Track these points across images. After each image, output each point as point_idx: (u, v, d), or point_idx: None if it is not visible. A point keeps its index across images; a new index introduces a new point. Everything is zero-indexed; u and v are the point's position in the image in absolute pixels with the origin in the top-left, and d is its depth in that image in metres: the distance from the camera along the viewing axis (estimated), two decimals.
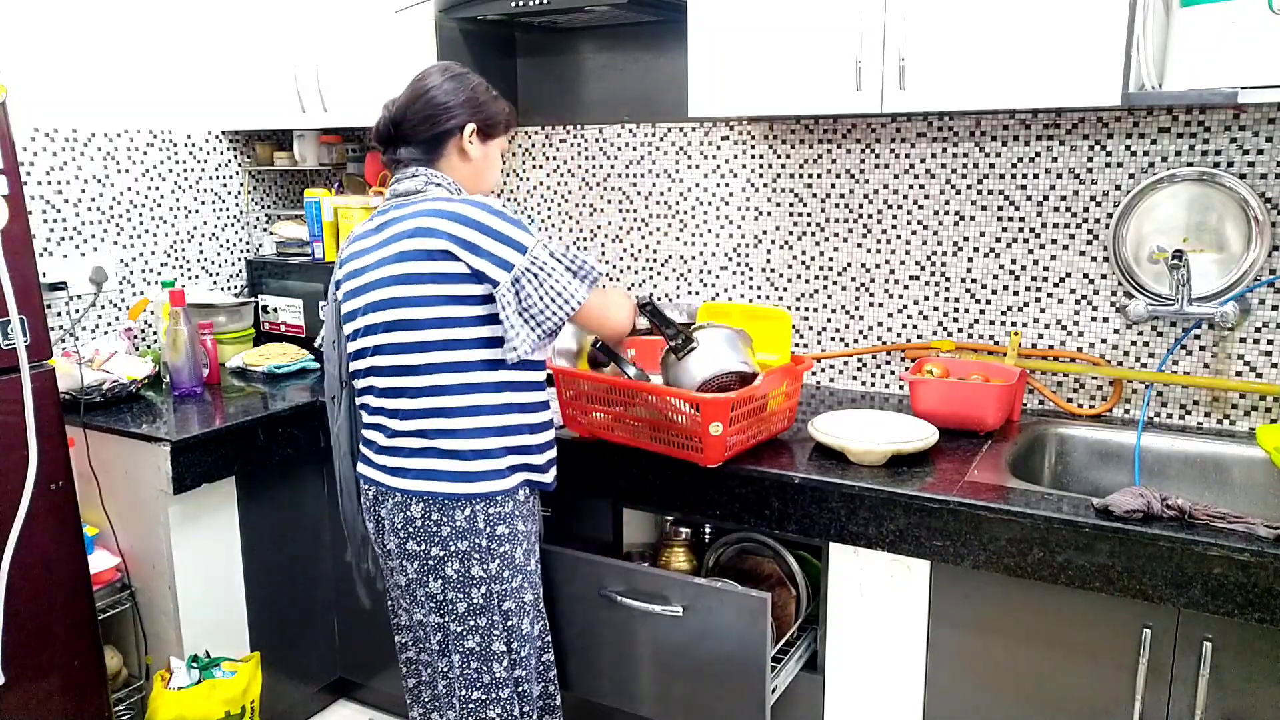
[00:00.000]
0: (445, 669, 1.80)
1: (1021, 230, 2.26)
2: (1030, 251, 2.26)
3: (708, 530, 2.23)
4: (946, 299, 2.37)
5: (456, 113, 1.75)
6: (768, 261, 2.58)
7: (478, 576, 1.73)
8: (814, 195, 2.49)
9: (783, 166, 2.51)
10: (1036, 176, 2.22)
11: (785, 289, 2.57)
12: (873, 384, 2.50)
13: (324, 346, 1.91)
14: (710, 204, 2.63)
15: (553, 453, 1.84)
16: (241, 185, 3.09)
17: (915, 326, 2.42)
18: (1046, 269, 2.25)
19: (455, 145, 1.77)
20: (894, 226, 2.40)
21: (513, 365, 1.71)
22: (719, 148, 2.59)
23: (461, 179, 1.78)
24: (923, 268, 2.38)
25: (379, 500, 1.77)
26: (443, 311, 1.66)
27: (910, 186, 2.36)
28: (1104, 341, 2.21)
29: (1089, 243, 2.19)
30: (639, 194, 2.74)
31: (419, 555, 1.73)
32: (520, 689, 1.80)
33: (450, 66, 1.82)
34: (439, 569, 1.73)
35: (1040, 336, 2.28)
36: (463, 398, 1.69)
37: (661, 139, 2.67)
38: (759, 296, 2.61)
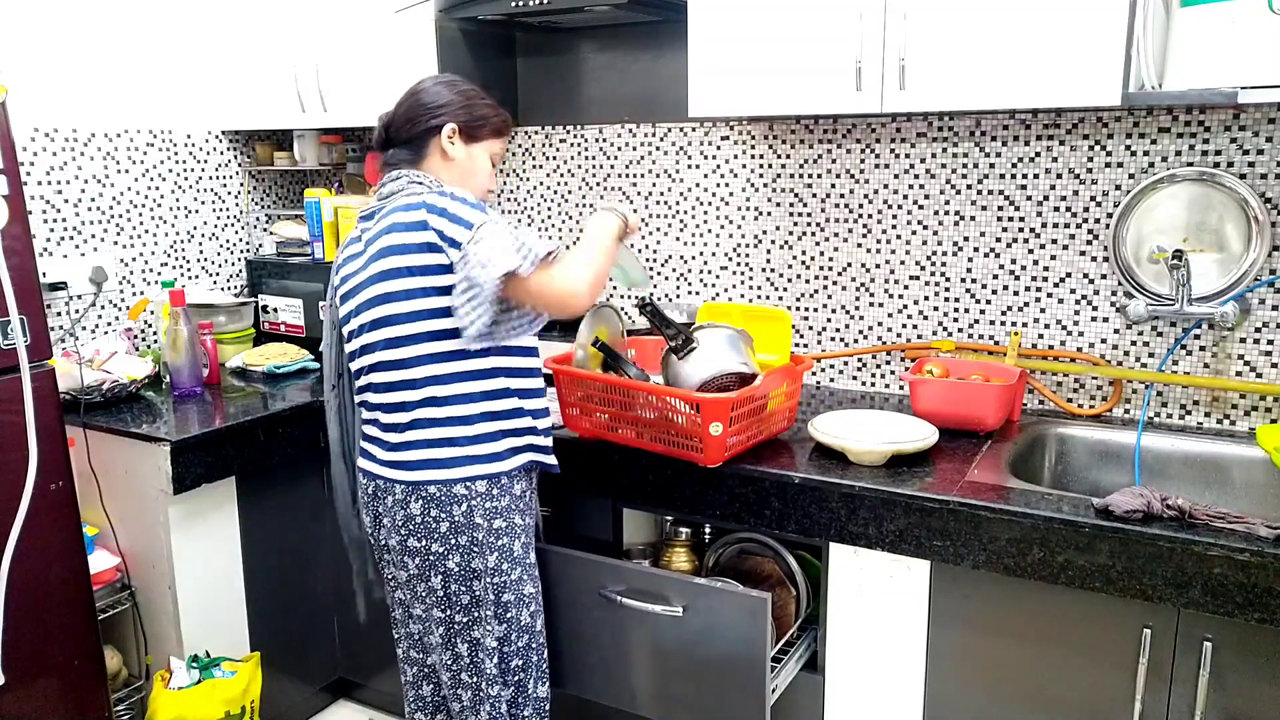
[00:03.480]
0: (449, 661, 1.81)
1: (1021, 230, 2.26)
2: (1030, 251, 2.26)
3: (708, 530, 2.23)
4: (946, 299, 2.37)
5: (439, 112, 1.78)
6: (768, 261, 2.58)
7: (479, 569, 1.74)
8: (814, 195, 2.49)
9: (783, 166, 2.51)
10: (1036, 176, 2.22)
11: (785, 289, 2.57)
12: (873, 384, 2.50)
13: (323, 351, 1.93)
14: (710, 204, 2.63)
15: (550, 435, 1.86)
16: (241, 185, 3.09)
17: (915, 326, 2.42)
18: (1046, 269, 2.25)
19: (437, 145, 1.79)
20: (894, 226, 2.40)
21: (504, 350, 1.73)
22: (719, 148, 2.59)
23: (444, 180, 1.79)
24: (923, 268, 2.38)
25: (378, 495, 1.78)
26: (428, 303, 1.68)
27: (910, 186, 2.36)
28: (1104, 341, 2.21)
29: (1089, 243, 2.19)
30: (639, 194, 2.74)
31: (419, 551, 1.74)
32: (517, 678, 1.82)
33: (445, 76, 1.87)
34: (440, 564, 1.74)
35: (1040, 336, 2.28)
36: (455, 386, 1.71)
37: (661, 139, 2.67)
38: (759, 296, 2.61)
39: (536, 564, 1.86)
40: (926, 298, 2.39)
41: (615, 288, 2.82)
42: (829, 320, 2.53)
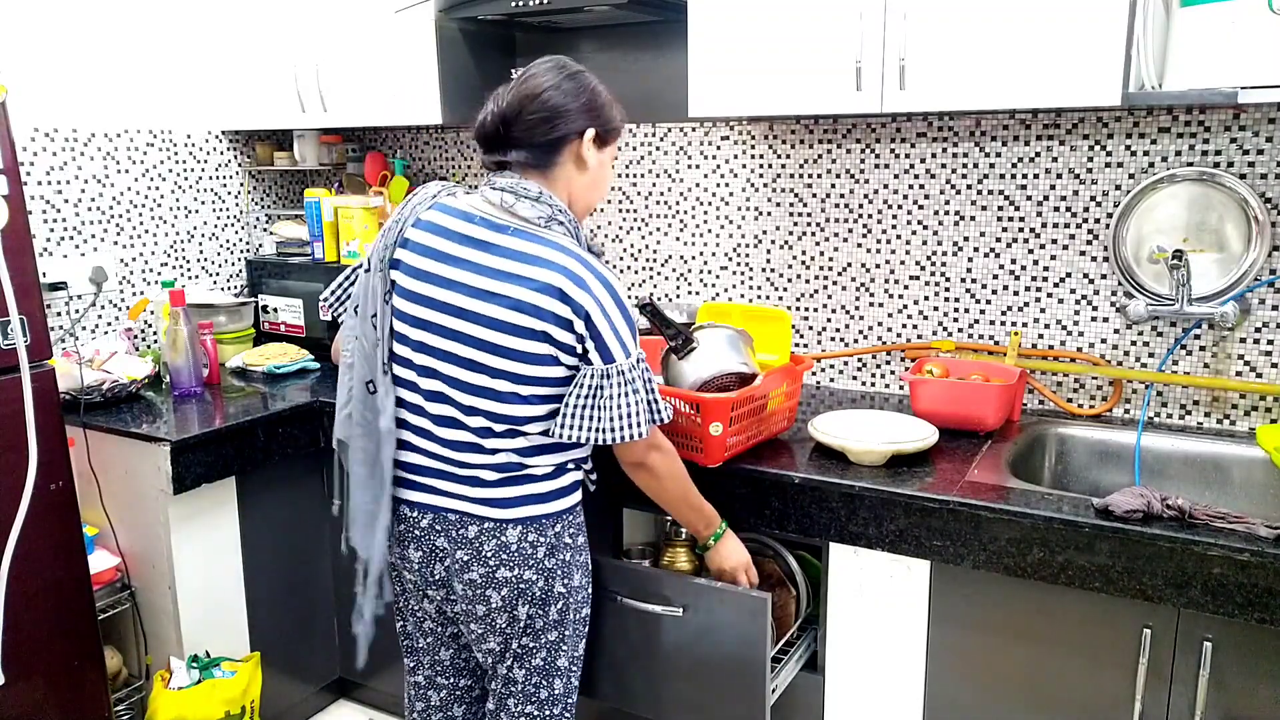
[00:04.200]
0: (501, 687, 1.73)
1: (1021, 230, 2.26)
2: (1030, 251, 2.26)
3: None
4: (946, 299, 2.37)
5: (576, 116, 1.58)
6: (768, 261, 2.58)
7: (558, 592, 1.67)
8: (814, 195, 2.49)
9: (783, 166, 2.51)
10: (1036, 176, 2.22)
11: (785, 289, 2.57)
12: (873, 384, 2.50)
13: (355, 319, 1.68)
14: (710, 204, 2.63)
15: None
16: (241, 185, 3.09)
17: (915, 326, 2.42)
18: (1046, 269, 2.25)
19: (573, 152, 1.60)
20: (894, 226, 2.40)
21: None
22: (719, 148, 2.59)
23: (576, 191, 1.65)
24: (923, 268, 2.38)
25: (439, 528, 1.65)
26: (545, 372, 1.57)
27: (910, 186, 2.36)
28: (1104, 341, 2.21)
29: (1089, 243, 2.19)
30: (639, 194, 2.74)
31: (509, 581, 1.63)
32: (570, 699, 1.78)
33: (565, 64, 1.62)
34: (528, 591, 1.64)
35: (1040, 336, 2.28)
36: (538, 439, 1.63)
37: (661, 139, 2.67)
38: (759, 296, 2.61)
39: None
40: (926, 298, 2.39)
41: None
42: (829, 320, 2.53)
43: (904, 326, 2.43)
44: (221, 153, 3.01)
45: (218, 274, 3.04)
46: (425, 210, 1.65)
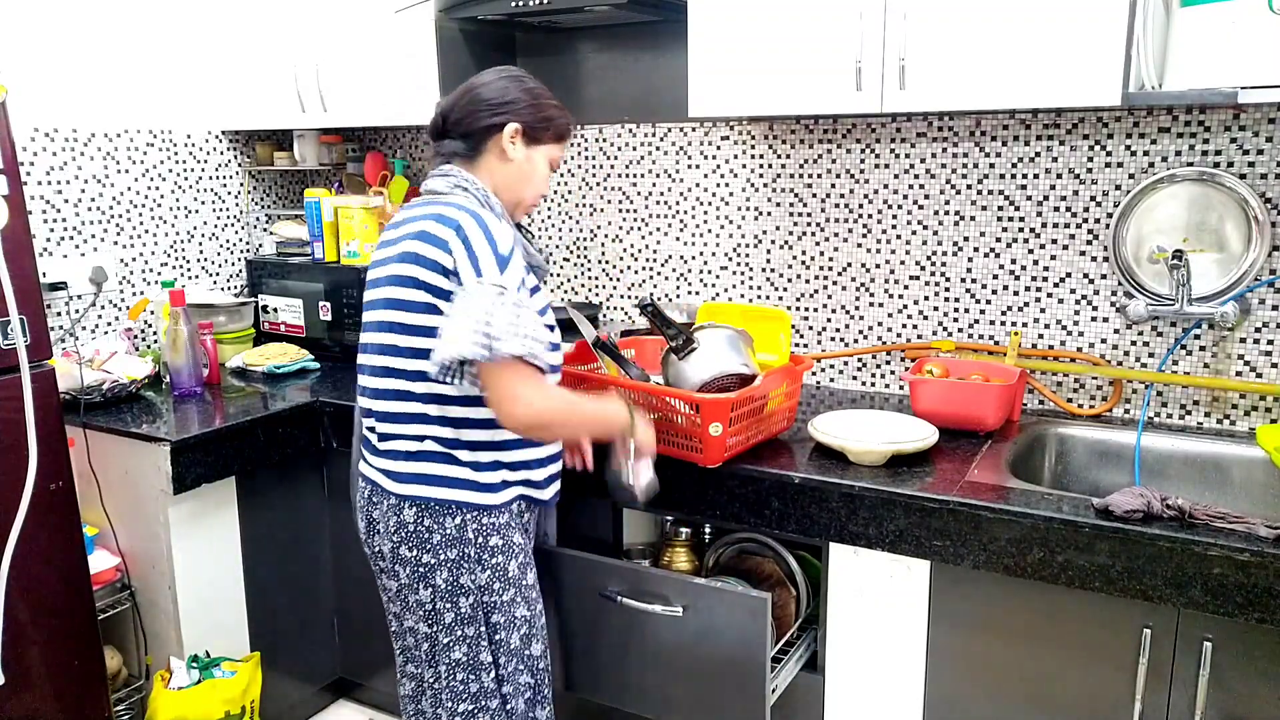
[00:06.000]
0: (432, 679, 1.75)
1: (1021, 230, 2.26)
2: (1030, 251, 2.26)
3: (708, 530, 2.23)
4: (946, 299, 2.37)
5: (501, 110, 1.69)
6: (768, 261, 2.58)
7: (466, 586, 1.68)
8: (814, 195, 2.49)
9: (783, 166, 2.51)
10: (1036, 176, 2.22)
11: (785, 289, 2.57)
12: (873, 384, 2.50)
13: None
14: (710, 204, 2.63)
15: (556, 467, 1.81)
16: (241, 185, 3.09)
17: (915, 326, 2.42)
18: (1046, 269, 2.25)
19: (496, 143, 1.70)
20: (894, 226, 2.40)
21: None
22: (719, 148, 2.59)
23: (499, 183, 1.71)
24: (923, 268, 2.38)
25: (373, 501, 1.73)
26: (427, 319, 1.62)
27: (910, 186, 2.36)
28: (1104, 341, 2.21)
29: (1089, 243, 2.19)
30: (639, 194, 2.74)
31: (410, 561, 1.69)
32: (508, 705, 1.75)
33: (510, 70, 1.75)
34: (429, 577, 1.68)
35: (1040, 336, 2.28)
36: (456, 408, 1.65)
37: (661, 139, 2.67)
38: (759, 296, 2.61)
39: (536, 586, 1.79)
40: (926, 298, 2.39)
41: (614, 285, 2.82)
42: (829, 320, 2.53)
43: (904, 326, 2.43)
44: (221, 153, 3.01)
45: (218, 274, 3.04)
46: (392, 220, 1.78)
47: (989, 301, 2.32)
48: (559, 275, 2.90)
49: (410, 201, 1.76)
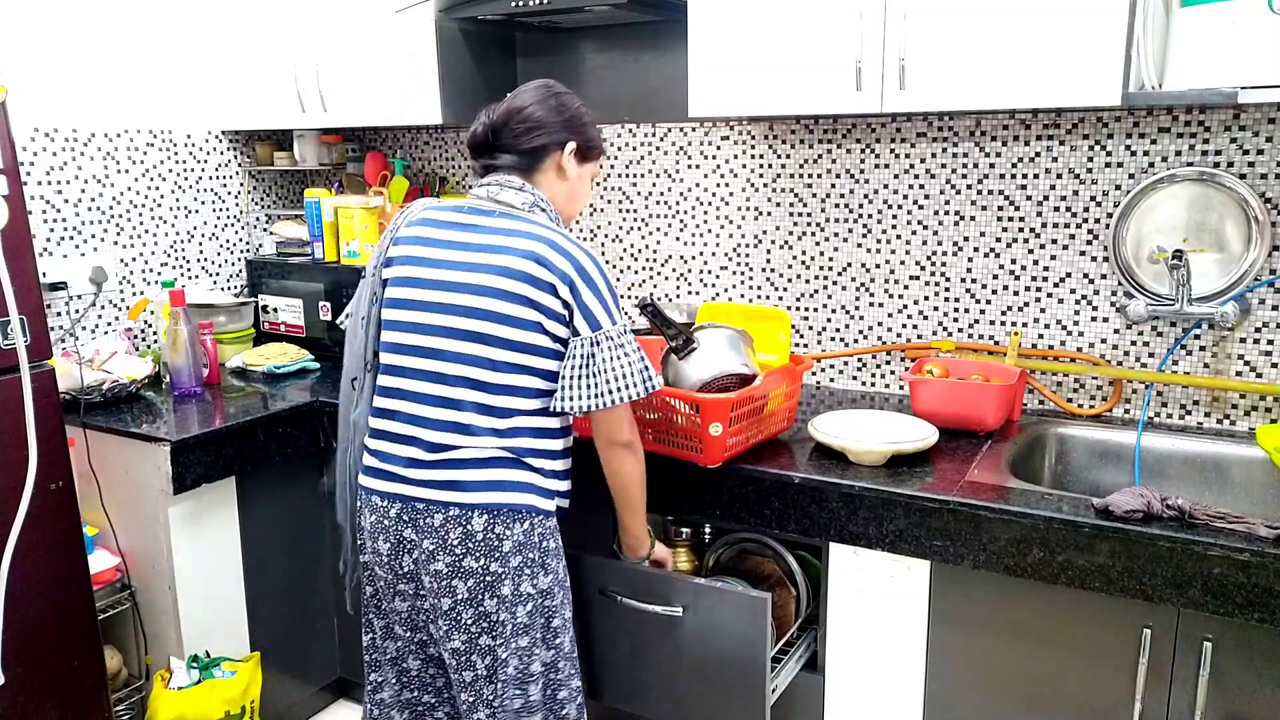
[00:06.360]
0: (490, 696, 1.69)
1: (1021, 230, 2.26)
2: (1030, 251, 2.26)
3: (708, 530, 2.23)
4: (946, 299, 2.37)
5: (557, 129, 1.72)
6: (768, 261, 2.58)
7: (527, 593, 1.68)
8: (814, 195, 2.49)
9: (783, 166, 2.51)
10: (1036, 176, 2.22)
11: (785, 289, 2.57)
12: (873, 384, 2.50)
13: (348, 323, 1.84)
14: (710, 204, 2.63)
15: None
16: (241, 185, 3.09)
17: (915, 326, 2.42)
18: (1046, 269, 2.25)
19: (554, 161, 1.73)
20: (894, 226, 2.40)
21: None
22: (719, 148, 2.59)
23: (555, 198, 1.76)
24: (923, 268, 2.38)
25: (405, 519, 1.67)
26: (533, 339, 1.64)
27: (910, 186, 2.36)
28: (1104, 341, 2.21)
29: (1089, 243, 2.19)
30: (639, 194, 2.74)
31: (476, 572, 1.65)
32: (563, 711, 1.75)
33: (552, 85, 1.77)
34: (495, 586, 1.65)
35: (1040, 336, 2.28)
36: (538, 419, 1.69)
37: (661, 139, 2.67)
38: (759, 296, 2.61)
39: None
40: (926, 298, 2.39)
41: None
42: (829, 320, 2.53)
43: (904, 326, 2.43)
44: (221, 153, 3.01)
45: (218, 274, 3.04)
46: (417, 215, 1.78)
47: (989, 301, 2.32)
48: None
49: (467, 203, 1.73)
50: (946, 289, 2.36)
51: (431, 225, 1.73)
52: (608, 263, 2.81)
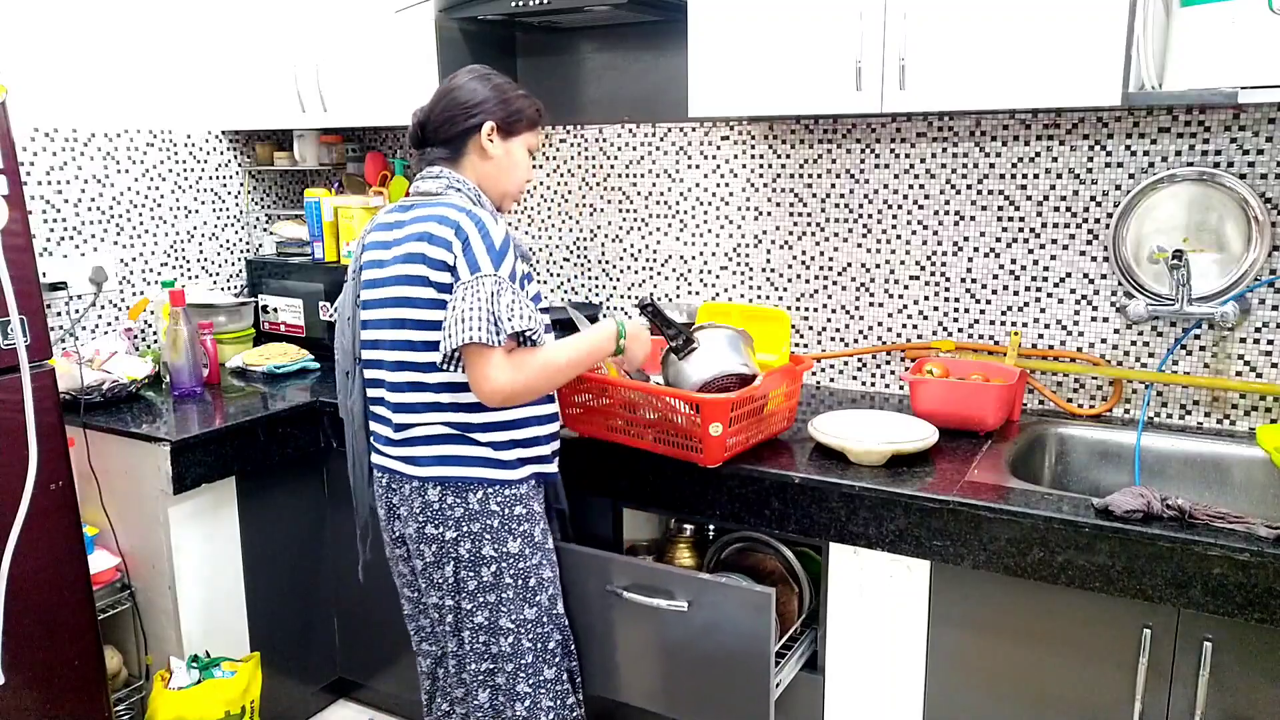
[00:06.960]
0: (455, 647, 1.85)
1: (1021, 230, 2.26)
2: (1030, 251, 2.26)
3: (711, 528, 2.23)
4: (946, 299, 2.37)
5: (476, 111, 1.78)
6: (768, 261, 2.58)
7: (488, 556, 1.78)
8: (814, 195, 2.49)
9: (783, 166, 2.51)
10: (1036, 176, 2.22)
11: (785, 289, 2.57)
12: (873, 384, 2.50)
13: (338, 320, 1.95)
14: (710, 204, 2.63)
15: (557, 442, 1.90)
16: (241, 185, 3.09)
17: (915, 326, 2.42)
18: (1046, 269, 2.25)
19: (475, 144, 1.79)
20: (894, 226, 2.40)
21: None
22: (719, 148, 2.59)
23: (483, 178, 1.81)
24: (923, 268, 2.38)
25: (392, 488, 1.83)
26: (439, 315, 1.71)
27: (910, 186, 2.36)
28: (1104, 341, 2.21)
29: (1089, 243, 2.19)
30: (639, 194, 2.74)
31: (436, 538, 1.78)
32: (534, 667, 1.84)
33: (478, 69, 1.84)
34: (452, 550, 1.78)
35: (1040, 336, 2.28)
36: (467, 394, 1.73)
37: (661, 139, 2.67)
38: (759, 296, 2.61)
39: (554, 550, 1.89)
40: (926, 298, 2.39)
41: (615, 287, 2.82)
42: (829, 320, 2.53)
43: (904, 326, 2.43)
44: (221, 153, 3.01)
45: (218, 274, 3.04)
46: (378, 220, 1.87)
47: (989, 301, 2.32)
48: (559, 275, 2.91)
49: (399, 202, 1.84)
50: (946, 289, 2.36)
51: (379, 229, 1.84)
52: (608, 263, 2.81)
